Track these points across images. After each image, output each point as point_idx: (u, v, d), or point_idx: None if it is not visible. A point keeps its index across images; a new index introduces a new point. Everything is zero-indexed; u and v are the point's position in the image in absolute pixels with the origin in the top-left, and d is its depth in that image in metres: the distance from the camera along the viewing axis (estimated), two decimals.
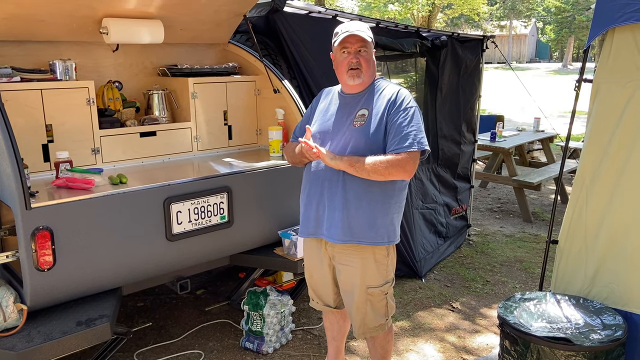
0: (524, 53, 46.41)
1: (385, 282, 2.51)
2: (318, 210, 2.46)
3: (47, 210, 2.36)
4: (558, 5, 34.29)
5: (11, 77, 2.76)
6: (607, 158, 2.75)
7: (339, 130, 2.42)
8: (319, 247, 2.57)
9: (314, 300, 2.77)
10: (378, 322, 2.56)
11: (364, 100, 2.43)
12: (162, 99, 3.46)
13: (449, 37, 4.86)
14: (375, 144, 2.33)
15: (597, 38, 2.78)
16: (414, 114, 2.34)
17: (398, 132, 2.30)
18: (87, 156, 3.03)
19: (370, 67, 2.42)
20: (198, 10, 3.29)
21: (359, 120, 2.38)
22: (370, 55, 2.43)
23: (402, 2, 17.29)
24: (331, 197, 2.40)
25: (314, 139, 2.46)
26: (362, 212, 2.37)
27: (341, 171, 2.36)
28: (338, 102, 2.50)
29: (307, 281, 2.74)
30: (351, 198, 2.37)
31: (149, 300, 3.95)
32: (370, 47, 2.43)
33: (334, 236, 2.42)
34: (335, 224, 2.40)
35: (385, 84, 2.46)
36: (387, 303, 2.55)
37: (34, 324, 2.43)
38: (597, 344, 2.37)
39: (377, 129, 2.34)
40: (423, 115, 2.44)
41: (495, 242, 5.38)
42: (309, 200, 2.50)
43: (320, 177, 2.44)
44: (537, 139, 7.32)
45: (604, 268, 2.81)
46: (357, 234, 2.39)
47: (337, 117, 2.46)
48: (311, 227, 2.51)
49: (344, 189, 2.37)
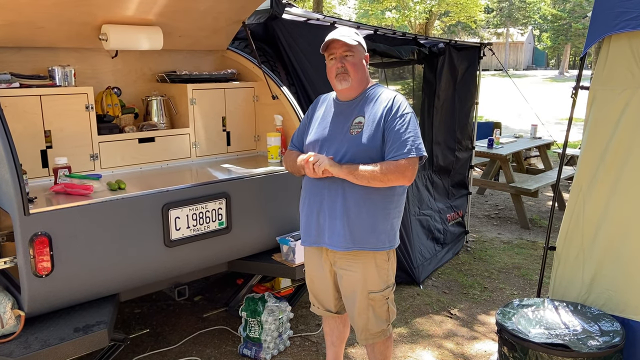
0: (520, 60, 46.65)
1: (386, 287, 2.52)
2: (319, 219, 2.47)
3: (45, 216, 2.36)
4: (554, 13, 34.53)
5: (10, 83, 2.76)
6: (604, 165, 2.77)
7: (336, 138, 2.43)
8: (319, 253, 2.58)
9: (314, 305, 2.77)
10: (380, 328, 2.56)
11: (359, 107, 2.44)
12: (161, 105, 3.47)
13: (446, 45, 4.89)
14: (373, 151, 2.35)
15: (593, 46, 2.80)
16: (410, 120, 2.36)
17: (396, 138, 2.32)
18: (86, 162, 3.03)
19: (358, 71, 2.42)
20: (197, 17, 3.30)
21: (355, 128, 2.39)
22: (358, 59, 2.43)
23: (400, 10, 17.38)
24: (331, 206, 2.42)
25: (311, 146, 2.48)
26: (362, 219, 2.39)
27: (340, 179, 2.37)
28: (334, 110, 2.52)
29: (308, 286, 2.75)
30: (351, 205, 2.38)
31: (146, 307, 3.94)
32: (358, 51, 2.42)
33: (336, 244, 2.43)
34: (337, 232, 2.41)
35: (381, 90, 2.47)
36: (388, 308, 2.56)
37: (32, 330, 2.42)
38: (594, 350, 2.38)
39: (374, 136, 2.35)
40: (420, 122, 2.47)
41: (492, 248, 5.38)
42: (310, 209, 2.51)
43: (320, 186, 2.45)
44: (534, 146, 7.34)
45: (602, 275, 2.82)
46: (358, 240, 2.40)
47: (333, 125, 2.47)
48: (313, 236, 2.52)
49: (343, 196, 2.38)
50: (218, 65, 3.86)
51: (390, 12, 17.95)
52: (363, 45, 2.46)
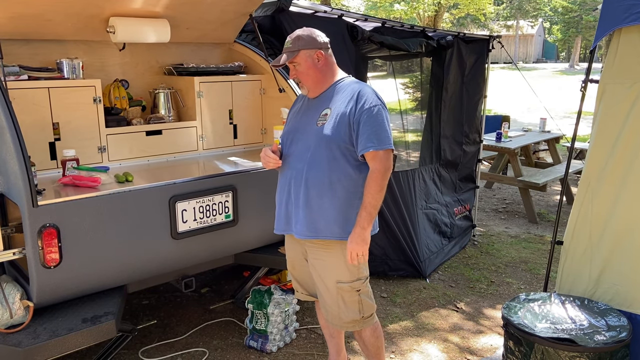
0: (530, 53, 46.21)
1: (356, 279, 2.52)
2: (287, 208, 2.54)
3: (53, 208, 2.38)
4: (565, 5, 34.12)
5: (19, 75, 2.78)
6: (613, 159, 2.75)
7: (305, 130, 2.49)
8: (294, 240, 2.63)
9: (298, 291, 2.82)
10: (351, 318, 2.57)
11: (327, 100, 2.49)
12: (168, 98, 3.48)
13: (454, 37, 4.85)
14: (336, 141, 2.39)
15: (604, 38, 2.77)
16: (378, 112, 2.37)
17: (363, 132, 2.35)
18: (94, 154, 3.05)
19: (310, 77, 2.47)
20: (204, 10, 3.30)
21: (321, 119, 2.45)
22: (307, 66, 2.45)
23: (408, 2, 17.25)
24: (296, 195, 2.47)
25: (285, 138, 2.57)
26: (324, 209, 2.43)
27: (304, 170, 2.42)
28: (306, 105, 2.59)
29: (290, 272, 2.81)
30: (313, 195, 2.43)
31: (153, 298, 3.97)
32: (303, 58, 2.44)
33: (301, 232, 2.49)
34: (300, 220, 2.47)
35: (349, 83, 2.50)
36: (359, 300, 2.55)
37: (40, 320, 2.45)
38: (601, 345, 2.37)
39: (338, 126, 2.39)
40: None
41: (500, 242, 5.37)
42: (280, 198, 2.59)
43: (288, 176, 2.51)
44: (543, 140, 7.29)
45: (609, 269, 2.80)
46: (321, 230, 2.45)
47: (304, 118, 2.54)
48: (282, 223, 2.59)
49: (306, 186, 2.43)
50: (225, 58, 3.86)
51: (399, 4, 17.82)
52: (311, 44, 2.44)
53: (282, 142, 2.58)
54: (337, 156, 2.39)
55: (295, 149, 2.49)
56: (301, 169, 2.44)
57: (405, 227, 4.35)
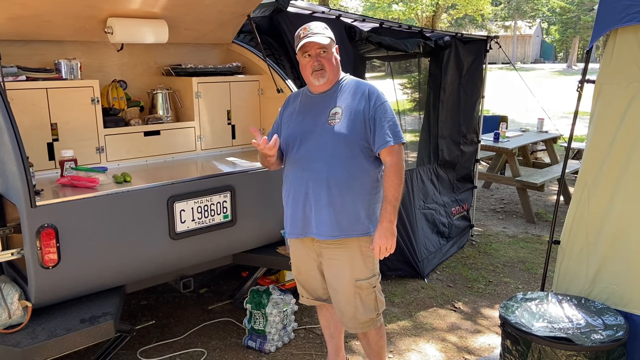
0: (528, 53, 46.25)
1: (372, 275, 2.57)
2: (305, 211, 2.51)
3: (52, 209, 2.38)
4: (563, 5, 34.19)
5: (17, 76, 2.78)
6: (609, 159, 2.76)
7: (314, 130, 2.48)
8: (304, 244, 2.63)
9: (303, 296, 2.82)
10: (368, 317, 2.60)
11: (334, 98, 2.49)
12: (166, 99, 3.48)
13: (452, 38, 4.86)
14: (351, 140, 2.42)
15: (601, 39, 2.78)
16: (388, 108, 2.46)
17: (380, 128, 2.40)
18: (92, 155, 3.05)
19: (333, 66, 2.49)
20: (202, 11, 3.30)
21: (332, 118, 2.45)
22: (332, 55, 2.49)
23: (406, 3, 17.28)
24: (317, 197, 2.46)
25: (290, 140, 2.54)
26: (347, 207, 2.45)
27: (324, 170, 2.43)
28: (309, 103, 2.57)
29: (295, 278, 2.81)
30: (336, 195, 2.44)
31: (152, 299, 3.97)
32: (331, 47, 2.48)
33: (324, 233, 2.49)
34: (324, 221, 2.47)
35: (353, 81, 2.55)
36: (376, 297, 2.60)
37: (39, 321, 2.45)
38: (598, 344, 2.38)
39: (354, 124, 2.42)
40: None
41: (498, 242, 5.38)
42: (295, 201, 2.55)
43: (304, 178, 2.49)
44: (540, 140, 7.30)
45: (605, 269, 2.81)
46: (345, 228, 2.47)
47: (310, 117, 2.53)
48: (299, 227, 2.56)
49: (328, 186, 2.44)
50: (223, 58, 3.86)
51: (396, 4, 17.85)
52: (333, 39, 2.52)
53: (286, 145, 2.55)
54: (356, 153, 2.43)
55: (307, 150, 2.48)
56: (320, 169, 2.44)
57: (404, 227, 4.35)
